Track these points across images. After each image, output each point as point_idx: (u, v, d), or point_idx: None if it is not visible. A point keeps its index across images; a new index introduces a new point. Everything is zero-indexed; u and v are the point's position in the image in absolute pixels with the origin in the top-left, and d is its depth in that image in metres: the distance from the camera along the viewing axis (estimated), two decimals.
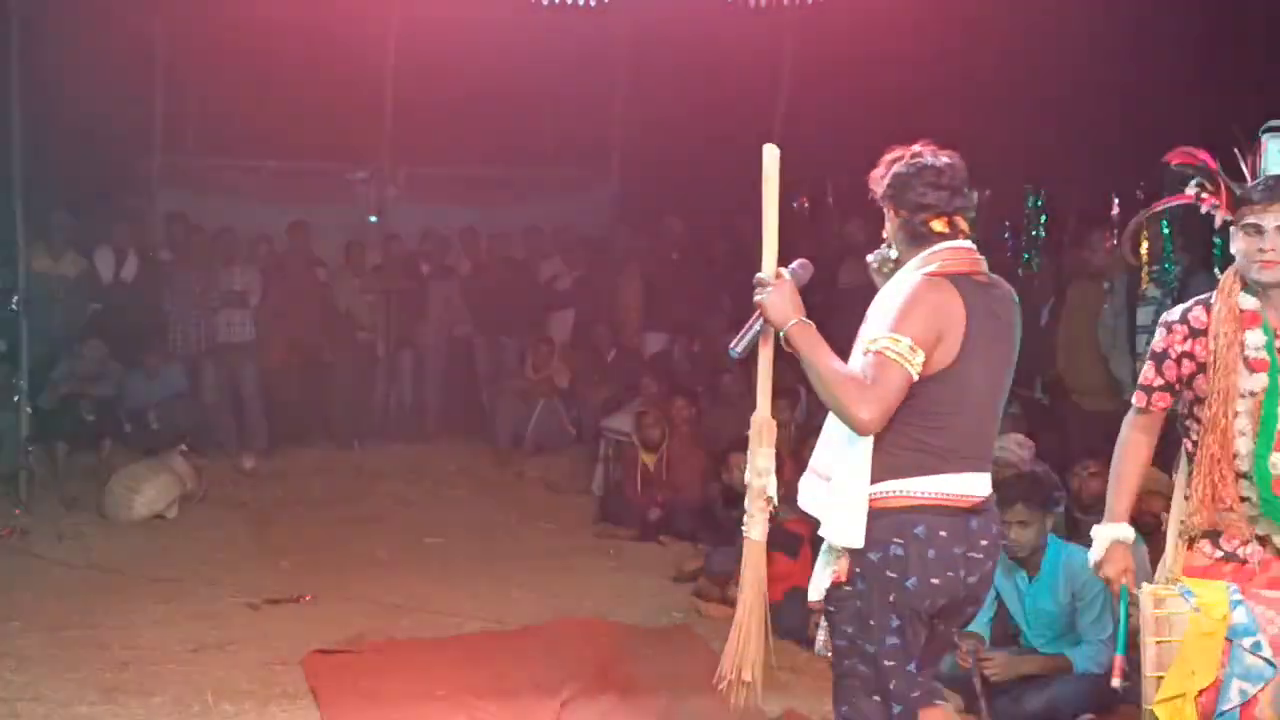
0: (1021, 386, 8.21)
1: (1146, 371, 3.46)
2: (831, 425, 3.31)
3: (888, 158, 3.50)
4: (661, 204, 10.24)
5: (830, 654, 5.83)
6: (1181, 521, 3.47)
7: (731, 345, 3.31)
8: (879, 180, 3.46)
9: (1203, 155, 3.41)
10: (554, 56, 10.00)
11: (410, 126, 10.72)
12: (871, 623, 3.30)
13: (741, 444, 7.64)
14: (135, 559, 7.13)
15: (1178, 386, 3.42)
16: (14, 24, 7.68)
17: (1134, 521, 5.61)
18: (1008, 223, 9.99)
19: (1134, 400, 3.50)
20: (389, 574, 6.95)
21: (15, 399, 8.17)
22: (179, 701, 5.08)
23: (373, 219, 11.21)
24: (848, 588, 3.32)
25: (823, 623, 5.91)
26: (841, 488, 3.24)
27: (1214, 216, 3.41)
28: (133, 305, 9.64)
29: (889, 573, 3.23)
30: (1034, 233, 9.85)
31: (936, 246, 3.29)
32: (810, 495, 3.31)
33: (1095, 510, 6.23)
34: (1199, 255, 7.48)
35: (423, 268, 10.75)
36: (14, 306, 8.21)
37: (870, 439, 3.19)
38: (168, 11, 10.38)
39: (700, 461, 8.15)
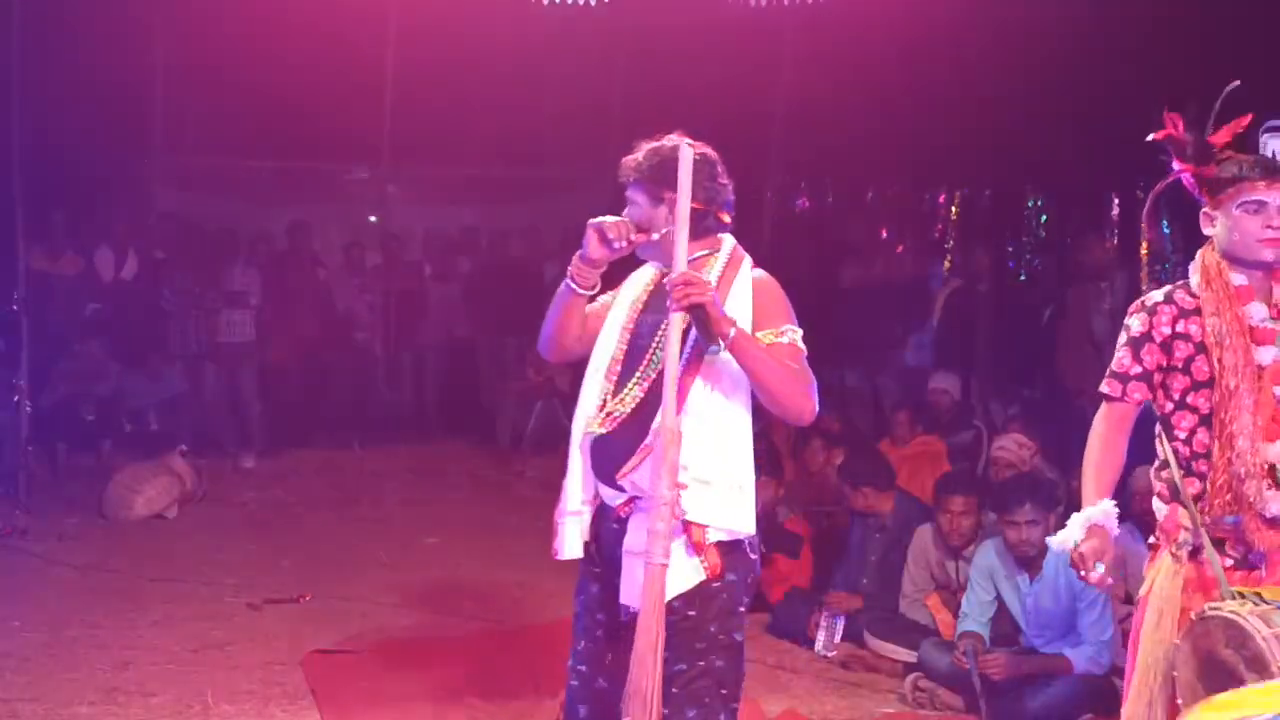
0: (1022, 386, 8.24)
1: (1122, 359, 3.26)
2: (701, 430, 3.20)
3: (648, 146, 3.39)
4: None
5: (830, 654, 5.88)
6: (1185, 528, 3.21)
7: (715, 347, 3.12)
8: (641, 165, 3.33)
9: (1180, 128, 3.34)
10: (554, 56, 10.00)
11: (410, 126, 10.72)
12: (740, 609, 3.29)
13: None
14: (135, 559, 7.13)
15: (1158, 376, 3.24)
16: (14, 24, 7.68)
17: (1136, 522, 5.66)
18: (1008, 223, 10.00)
19: (1105, 389, 3.29)
20: (389, 574, 6.95)
21: (15, 399, 8.17)
22: (179, 701, 5.07)
23: (373, 219, 11.22)
24: (716, 584, 3.20)
25: (823, 623, 5.97)
26: (728, 483, 3.28)
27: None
28: (132, 305, 9.64)
29: (751, 554, 3.34)
30: (1034, 233, 9.85)
31: (726, 238, 3.36)
32: (697, 504, 3.16)
33: None
34: (1190, 256, 7.48)
35: (424, 268, 10.76)
36: (14, 306, 8.21)
37: (749, 434, 3.34)
38: (168, 11, 10.38)
39: None
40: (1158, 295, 3.31)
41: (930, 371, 8.52)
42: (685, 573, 3.16)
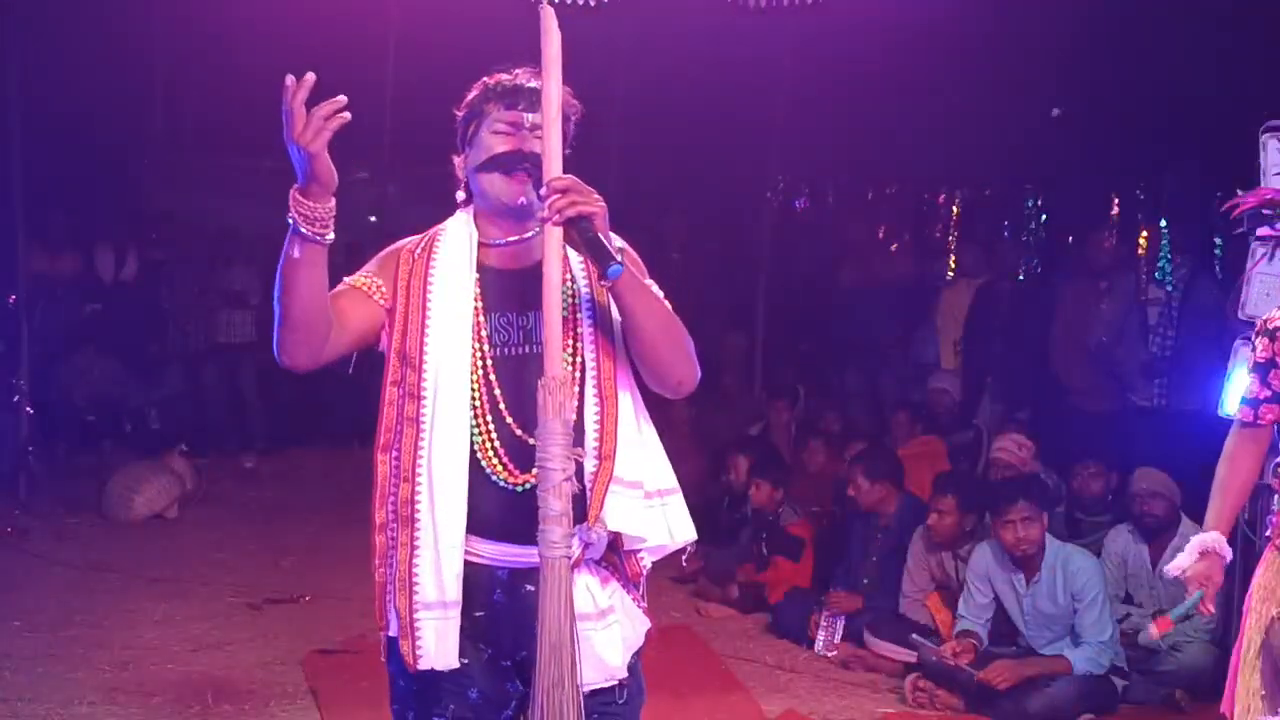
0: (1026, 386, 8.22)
1: (1250, 386, 3.28)
2: (620, 422, 2.42)
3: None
4: (662, 204, 10.24)
5: (830, 654, 5.88)
6: None
7: (606, 266, 2.26)
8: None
9: (1267, 193, 3.35)
10: None
11: (410, 126, 10.71)
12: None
13: (741, 444, 7.68)
14: (135, 559, 7.13)
15: None
16: (14, 24, 7.67)
17: (1136, 522, 5.67)
18: (1007, 222, 10.00)
19: (1239, 416, 3.32)
20: None
21: (15, 399, 8.17)
22: (179, 701, 5.08)
23: (373, 219, 11.22)
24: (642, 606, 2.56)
25: (823, 623, 5.97)
26: (659, 483, 2.49)
27: (1214, 218, 3.39)
28: (132, 305, 9.63)
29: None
30: (1033, 233, 9.85)
31: None
32: (625, 513, 2.39)
33: (1096, 510, 6.27)
34: (1200, 256, 7.48)
35: None
36: (11, 302, 8.21)
37: (653, 431, 2.52)
38: (167, 11, 10.37)
39: (700, 461, 8.15)
40: (1273, 322, 3.31)
41: (931, 371, 8.53)
42: (635, 623, 2.49)
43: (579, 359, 2.40)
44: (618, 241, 2.38)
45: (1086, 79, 8.46)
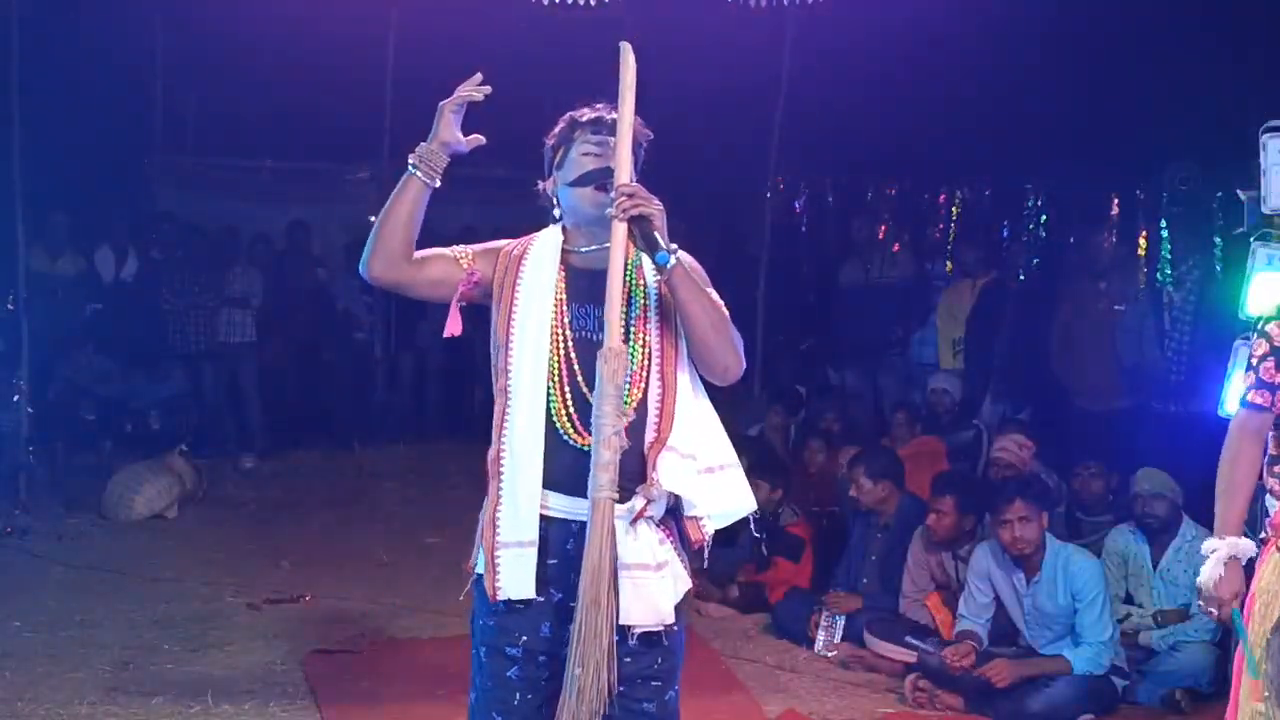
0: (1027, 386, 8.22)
1: (1268, 367, 3.24)
2: (678, 402, 2.86)
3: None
4: (661, 204, 10.23)
5: (830, 654, 5.88)
6: None
7: (666, 250, 2.82)
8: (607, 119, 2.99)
9: None
10: (554, 56, 9.99)
11: (410, 126, 10.68)
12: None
13: (741, 444, 7.67)
14: (135, 559, 7.13)
15: None
16: (14, 24, 7.67)
17: (1138, 523, 5.66)
18: (1007, 222, 10.00)
19: (1250, 400, 3.25)
20: (389, 574, 6.95)
21: (15, 399, 8.17)
22: (179, 701, 5.08)
23: (373, 219, 11.21)
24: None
25: (823, 623, 5.97)
26: (718, 459, 2.90)
27: (1217, 218, 3.39)
28: (132, 305, 9.63)
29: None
30: (1033, 233, 9.85)
31: None
32: (678, 477, 2.81)
33: (1096, 510, 6.27)
34: (1204, 257, 7.47)
35: None
36: (10, 305, 8.22)
37: (709, 404, 2.95)
38: (167, 11, 10.38)
39: None
40: None
41: (931, 371, 8.53)
42: (680, 581, 2.87)
43: (646, 349, 2.86)
44: (675, 248, 2.86)
45: (1087, 79, 8.46)
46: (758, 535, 6.67)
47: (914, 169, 10.40)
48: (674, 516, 2.86)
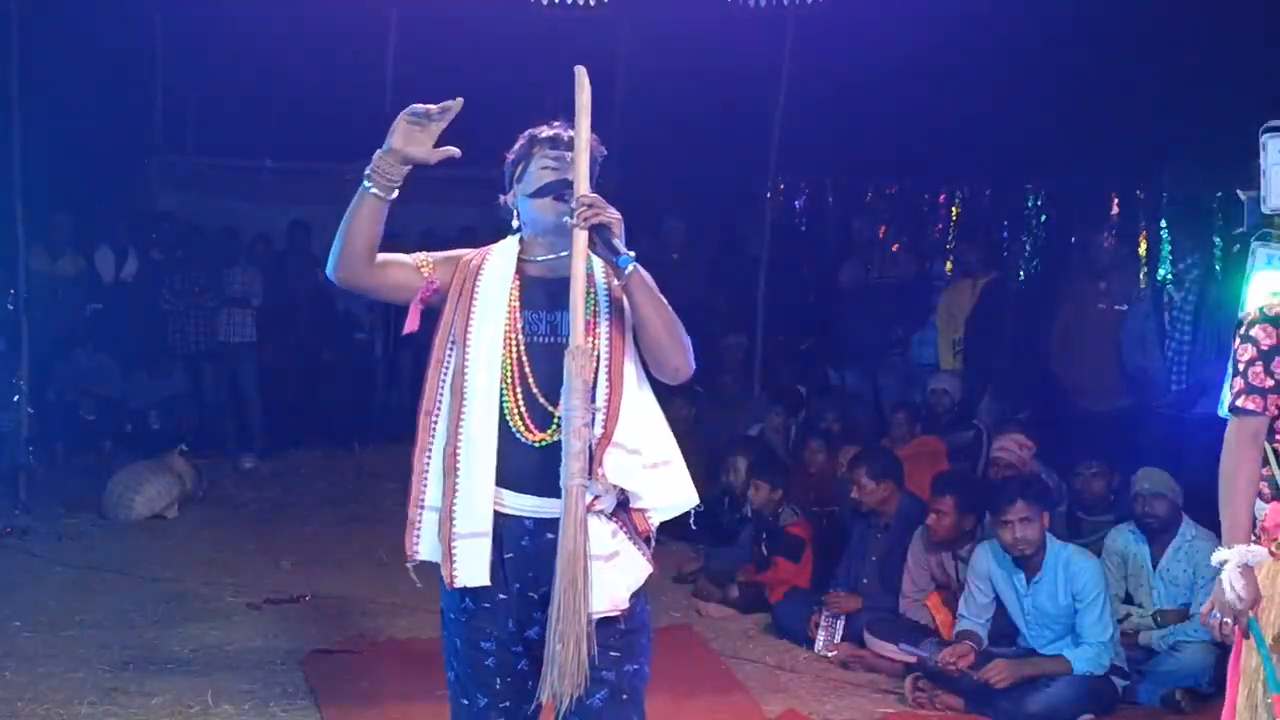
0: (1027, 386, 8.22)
1: (1256, 372, 3.23)
2: (624, 400, 3.02)
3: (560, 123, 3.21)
4: (661, 204, 10.25)
5: (830, 654, 5.88)
6: None
7: (626, 257, 2.95)
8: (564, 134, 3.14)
9: None
10: (554, 57, 9.98)
11: None
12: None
13: (741, 444, 7.67)
14: (135, 559, 7.13)
15: None
16: (14, 24, 7.67)
17: (1138, 523, 5.66)
18: (1007, 222, 10.00)
19: (1242, 405, 3.24)
20: (389, 574, 6.94)
21: (15, 399, 8.17)
22: (179, 701, 5.08)
23: None
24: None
25: (823, 623, 5.97)
26: (661, 455, 3.07)
27: (1216, 217, 3.38)
28: (133, 305, 9.63)
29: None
30: (1034, 233, 9.86)
31: None
32: (623, 471, 2.97)
33: (1098, 510, 6.26)
34: (1204, 257, 7.47)
35: None
36: (10, 305, 8.21)
37: (655, 402, 3.11)
38: (167, 11, 10.37)
39: (699, 462, 8.14)
40: (1268, 312, 3.30)
41: (931, 371, 8.52)
42: (637, 567, 3.02)
43: (596, 350, 3.00)
44: (633, 255, 2.98)
45: (1087, 79, 8.46)
46: (758, 535, 6.68)
47: (914, 169, 10.41)
48: (624, 509, 3.01)
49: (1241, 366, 3.27)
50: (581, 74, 3.07)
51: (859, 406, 8.82)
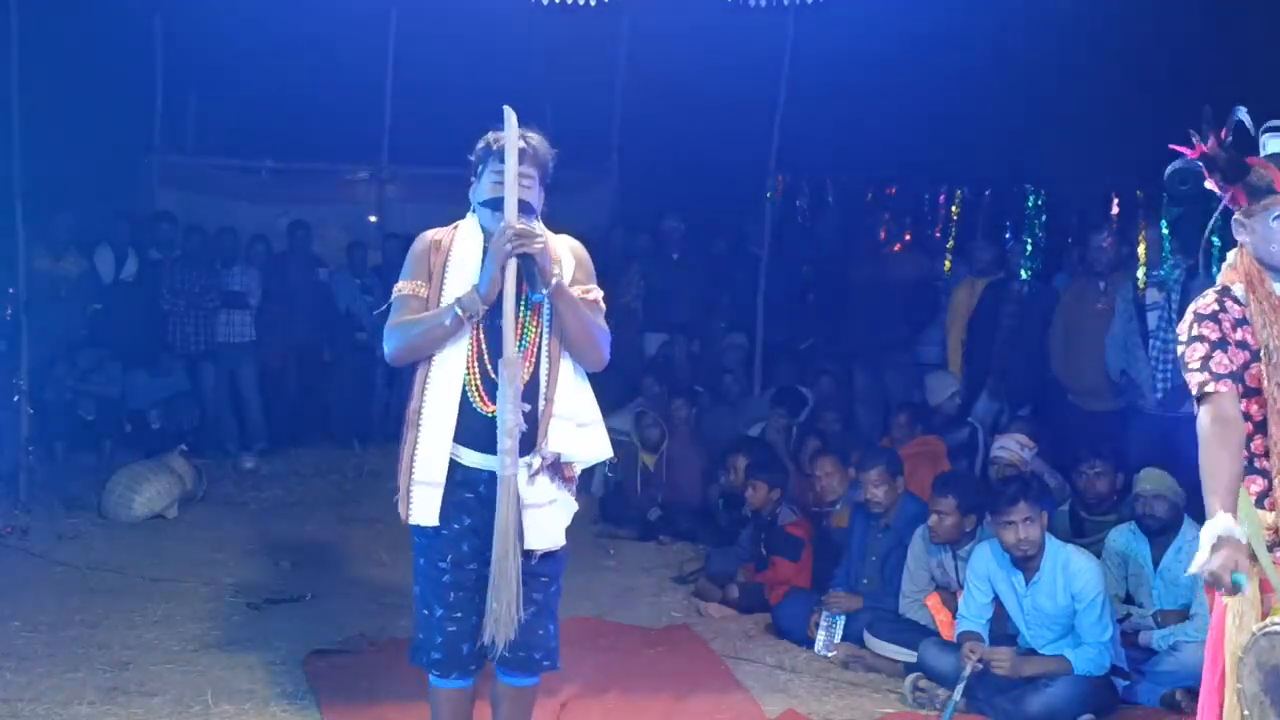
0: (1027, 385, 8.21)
1: (1215, 358, 3.23)
2: (560, 372, 3.73)
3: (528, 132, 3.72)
4: (661, 204, 10.24)
5: (830, 654, 5.88)
6: (1266, 529, 3.20)
7: (533, 291, 3.62)
8: (538, 149, 3.81)
9: (1205, 148, 3.34)
10: (554, 56, 9.99)
11: (410, 126, 10.71)
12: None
13: (739, 444, 7.66)
14: (135, 559, 7.13)
15: (1238, 371, 3.23)
16: (14, 24, 7.67)
17: (1139, 523, 5.65)
18: (1008, 223, 9.99)
19: (1208, 389, 3.21)
20: (389, 574, 6.95)
21: (15, 399, 8.16)
22: (179, 701, 5.08)
23: (373, 219, 11.21)
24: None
25: (823, 623, 5.97)
26: (587, 418, 3.81)
27: (1211, 219, 3.37)
28: (133, 305, 9.63)
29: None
30: (1033, 232, 9.84)
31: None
32: (563, 438, 3.71)
33: (1100, 509, 6.26)
34: (1196, 258, 7.46)
35: None
36: (9, 306, 8.21)
37: (585, 375, 3.83)
38: (167, 11, 10.37)
39: (700, 462, 8.15)
40: (1213, 304, 3.30)
41: (932, 370, 8.51)
42: (568, 508, 3.77)
43: (538, 330, 3.70)
44: (550, 287, 3.62)
45: (1087, 78, 8.46)
46: (758, 535, 6.68)
47: (914, 169, 10.39)
48: (556, 462, 3.72)
49: (1198, 364, 3.24)
50: (509, 114, 3.51)
51: (862, 406, 8.82)
